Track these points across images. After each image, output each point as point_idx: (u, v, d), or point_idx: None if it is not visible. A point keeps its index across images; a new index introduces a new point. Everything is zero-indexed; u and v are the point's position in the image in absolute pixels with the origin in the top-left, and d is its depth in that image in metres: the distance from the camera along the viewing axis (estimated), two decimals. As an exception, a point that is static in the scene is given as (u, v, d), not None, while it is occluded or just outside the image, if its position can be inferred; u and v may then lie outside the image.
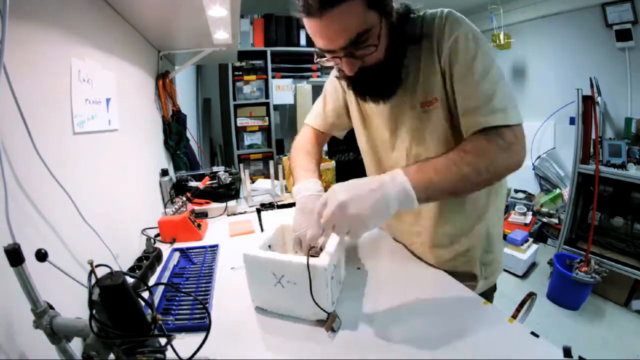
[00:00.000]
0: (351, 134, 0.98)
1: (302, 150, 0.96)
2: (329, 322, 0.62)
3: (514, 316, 0.70)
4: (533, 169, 2.99)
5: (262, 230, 1.13)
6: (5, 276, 0.45)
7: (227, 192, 1.41)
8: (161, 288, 0.77)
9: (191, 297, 0.73)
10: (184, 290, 0.77)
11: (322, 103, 0.99)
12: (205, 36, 1.29)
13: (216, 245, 1.03)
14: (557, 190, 2.79)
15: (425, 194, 0.57)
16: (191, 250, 0.99)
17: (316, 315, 0.64)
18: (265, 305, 0.69)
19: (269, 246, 0.79)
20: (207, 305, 0.73)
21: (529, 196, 3.00)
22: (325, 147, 2.74)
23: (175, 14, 1.08)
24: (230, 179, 1.43)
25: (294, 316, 0.67)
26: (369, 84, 0.70)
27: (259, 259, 0.65)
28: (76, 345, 0.49)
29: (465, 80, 0.67)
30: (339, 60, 0.65)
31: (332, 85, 0.96)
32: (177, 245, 1.05)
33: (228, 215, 1.35)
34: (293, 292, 0.64)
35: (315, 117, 1.01)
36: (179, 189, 1.41)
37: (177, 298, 0.74)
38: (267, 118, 2.84)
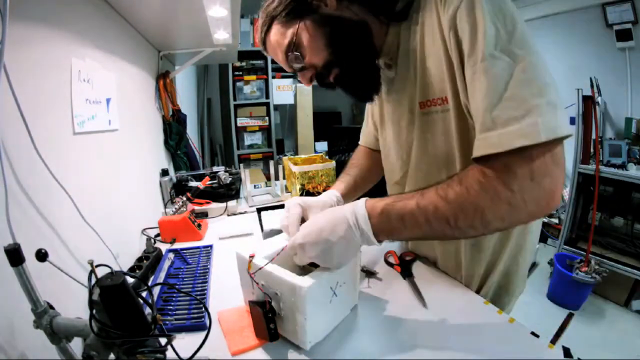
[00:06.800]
0: (350, 133, 0.98)
1: (346, 166, 0.98)
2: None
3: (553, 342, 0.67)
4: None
5: (262, 230, 1.13)
6: (5, 276, 0.45)
7: (227, 192, 1.41)
8: (157, 288, 0.77)
9: (188, 298, 0.72)
10: (183, 290, 0.77)
11: (365, 120, 0.98)
12: (205, 36, 1.29)
13: (210, 246, 1.03)
14: (557, 190, 2.78)
15: (390, 239, 0.54)
16: (185, 251, 0.99)
17: (354, 301, 0.68)
18: (322, 334, 0.59)
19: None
20: (206, 305, 0.73)
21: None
22: (325, 147, 2.76)
23: (175, 14, 1.08)
24: (230, 179, 1.43)
25: (339, 320, 0.64)
26: (342, 85, 0.64)
27: (321, 282, 0.54)
28: (76, 346, 0.49)
29: (470, 67, 0.46)
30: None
31: None
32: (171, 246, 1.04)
33: (228, 215, 1.35)
34: (346, 292, 0.63)
35: (362, 135, 1.01)
36: (179, 189, 1.41)
37: (173, 298, 0.74)
38: (267, 118, 2.84)
